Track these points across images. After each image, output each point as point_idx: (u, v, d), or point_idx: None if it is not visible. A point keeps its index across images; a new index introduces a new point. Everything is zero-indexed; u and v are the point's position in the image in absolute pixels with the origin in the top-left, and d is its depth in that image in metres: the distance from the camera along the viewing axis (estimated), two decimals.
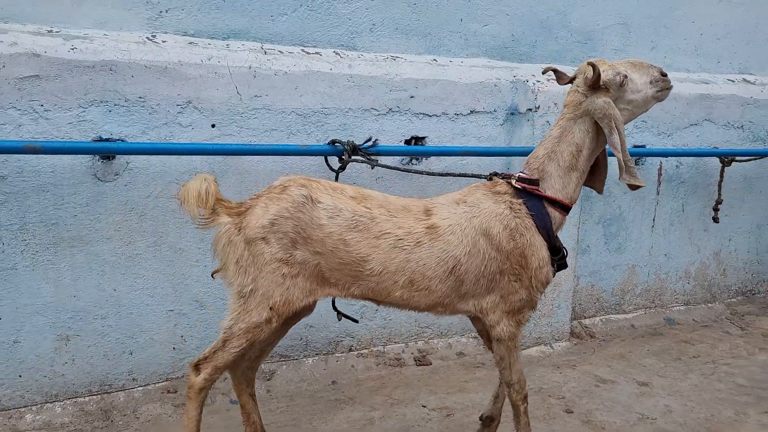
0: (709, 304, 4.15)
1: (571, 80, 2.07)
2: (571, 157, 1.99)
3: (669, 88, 2.03)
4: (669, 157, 3.77)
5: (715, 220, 3.88)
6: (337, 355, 3.10)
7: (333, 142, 2.69)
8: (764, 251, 4.22)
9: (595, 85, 1.94)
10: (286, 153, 2.64)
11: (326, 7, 2.95)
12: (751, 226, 4.20)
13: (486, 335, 2.16)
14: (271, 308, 1.90)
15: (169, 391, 2.69)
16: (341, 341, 3.10)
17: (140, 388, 2.66)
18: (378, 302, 2.03)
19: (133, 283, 2.61)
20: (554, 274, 2.06)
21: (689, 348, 3.53)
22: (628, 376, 3.13)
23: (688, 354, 3.44)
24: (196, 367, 1.97)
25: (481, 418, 2.33)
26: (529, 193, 1.98)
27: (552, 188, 1.98)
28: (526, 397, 2.11)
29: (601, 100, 1.94)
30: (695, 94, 3.80)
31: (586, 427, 2.61)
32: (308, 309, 2.09)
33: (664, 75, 2.03)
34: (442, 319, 3.33)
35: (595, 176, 2.13)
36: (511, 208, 1.96)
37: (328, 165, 2.72)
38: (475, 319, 2.20)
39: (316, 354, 3.04)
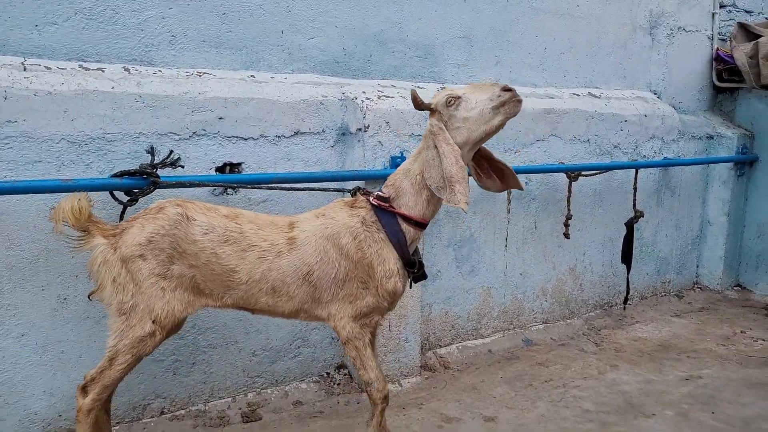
0: (568, 320, 4.09)
1: (427, 107, 2.14)
2: (422, 175, 2.12)
3: (513, 100, 2.05)
4: (517, 174, 3.63)
5: (566, 236, 3.81)
6: (144, 421, 2.64)
7: (121, 174, 2.29)
8: (618, 263, 4.23)
9: (419, 108, 2.12)
10: (50, 190, 2.17)
11: (109, 15, 2.52)
12: (604, 239, 4.20)
13: None
14: (153, 321, 2.03)
15: None
16: (149, 404, 2.66)
17: None
18: (251, 311, 2.19)
19: None
20: (411, 286, 2.26)
21: (543, 371, 3.40)
22: (476, 411, 2.91)
23: (540, 378, 3.30)
24: (83, 389, 2.05)
25: None
26: (384, 209, 2.13)
27: (406, 205, 2.14)
28: (386, 397, 2.22)
29: (430, 121, 2.13)
30: (540, 109, 3.71)
31: None
32: (179, 326, 2.23)
33: (508, 90, 2.06)
34: (277, 365, 2.97)
35: (504, 177, 2.32)
36: (363, 221, 2.13)
37: (115, 199, 2.32)
38: None
39: (116, 423, 2.57)
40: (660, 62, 4.61)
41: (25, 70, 2.30)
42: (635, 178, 4.12)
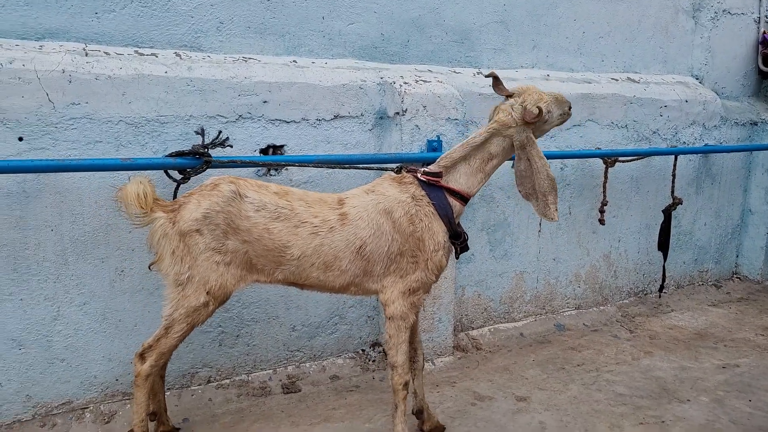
0: (601, 307, 4.10)
1: (509, 95, 2.27)
2: (482, 162, 2.27)
3: (568, 119, 2.41)
4: (552, 160, 3.66)
5: (601, 222, 3.81)
6: (192, 388, 2.80)
7: (176, 154, 2.43)
8: (654, 251, 4.21)
9: (534, 120, 2.21)
10: (109, 168, 2.32)
11: (162, 3, 2.65)
12: (640, 226, 4.18)
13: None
14: (207, 292, 2.14)
15: None
16: (197, 372, 2.82)
17: None
18: (300, 286, 2.27)
19: None
20: (458, 257, 2.39)
21: (575, 355, 3.44)
22: (508, 391, 2.98)
23: (572, 362, 3.34)
24: (141, 356, 2.19)
25: (413, 412, 2.56)
26: (432, 184, 2.24)
27: (455, 181, 2.26)
28: (406, 384, 2.28)
29: (524, 135, 2.23)
30: (577, 94, 3.71)
31: None
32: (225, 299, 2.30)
33: (570, 107, 2.37)
34: (315, 341, 3.10)
35: None
36: (413, 196, 2.22)
37: (171, 178, 2.46)
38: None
39: (167, 389, 2.73)
40: (703, 46, 4.53)
41: (86, 55, 2.45)
42: (674, 165, 4.08)
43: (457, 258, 2.39)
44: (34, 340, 2.45)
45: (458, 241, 2.29)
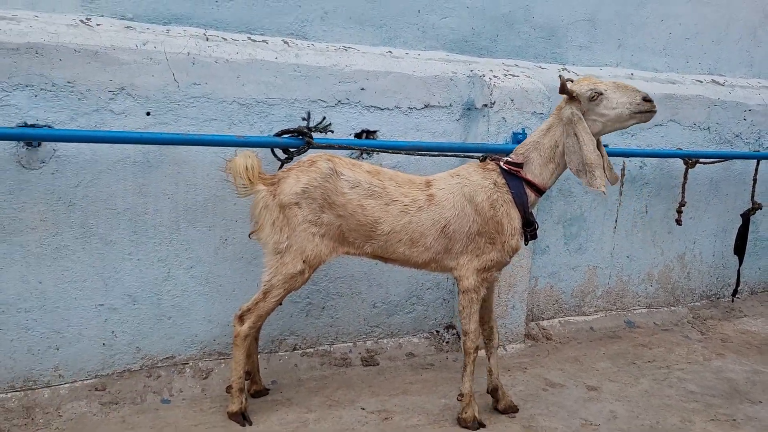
0: (672, 308, 4.10)
1: (571, 94, 2.33)
2: (550, 150, 2.38)
3: (650, 111, 2.31)
4: (632, 158, 3.69)
5: (678, 222, 3.81)
6: (280, 353, 3.01)
7: (282, 132, 2.62)
8: (729, 255, 4.16)
9: (563, 93, 2.30)
10: (225, 144, 2.54)
11: None
12: (716, 229, 4.15)
13: (482, 320, 2.57)
14: (304, 261, 2.32)
15: (97, 389, 2.59)
16: (285, 339, 3.02)
17: (66, 385, 2.56)
18: (385, 259, 2.47)
19: (60, 275, 2.51)
20: (527, 243, 2.52)
21: (646, 352, 3.47)
22: (579, 380, 3.06)
23: (643, 358, 3.38)
24: (240, 318, 2.38)
25: (488, 391, 2.70)
26: (512, 174, 2.38)
27: (531, 173, 2.39)
28: (477, 348, 2.49)
29: (569, 109, 2.33)
30: (661, 94, 3.71)
31: None
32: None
33: (648, 100, 2.29)
34: (393, 318, 3.25)
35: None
36: (495, 183, 2.37)
37: (275, 156, 2.66)
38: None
39: (258, 353, 2.94)
40: None
41: (207, 40, 2.67)
42: (756, 169, 4.02)
43: (526, 244, 2.52)
44: (146, 298, 2.70)
45: (529, 228, 2.44)
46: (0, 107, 2.32)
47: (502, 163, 2.41)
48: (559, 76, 2.36)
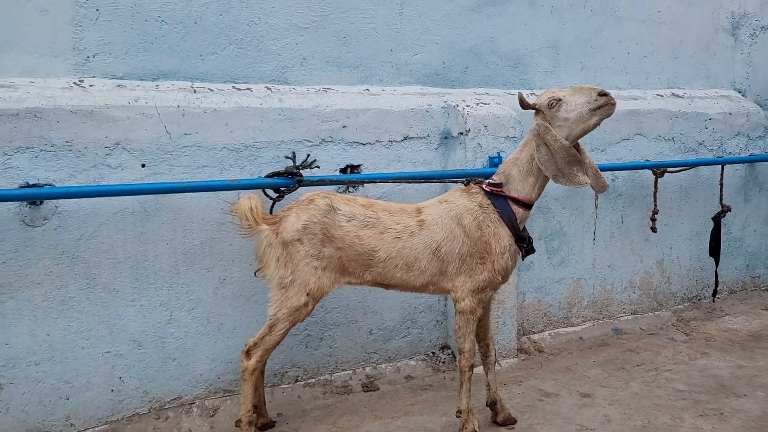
0: (656, 312, 4.26)
1: (532, 107, 2.48)
2: (527, 164, 2.49)
3: (608, 104, 2.38)
4: (604, 172, 3.87)
5: (653, 229, 4.00)
6: (282, 386, 3.10)
7: (272, 174, 2.77)
8: (706, 257, 4.35)
9: (524, 107, 2.46)
10: (218, 188, 2.68)
11: (255, 44, 3.03)
12: (691, 233, 4.34)
13: (479, 338, 2.72)
14: (307, 294, 2.45)
15: None
16: (287, 372, 3.11)
17: None
18: (386, 286, 2.58)
19: (66, 326, 2.60)
20: (524, 258, 2.64)
21: (634, 356, 3.61)
22: (572, 389, 3.18)
23: (632, 362, 3.52)
24: (247, 353, 2.48)
25: (487, 405, 2.81)
26: (496, 194, 2.50)
27: (514, 189, 2.50)
28: (472, 366, 2.58)
29: (535, 122, 2.48)
30: (624, 110, 3.95)
31: None
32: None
33: (604, 94, 2.38)
34: (390, 343, 3.37)
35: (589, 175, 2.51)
36: (480, 205, 2.50)
37: (267, 195, 2.80)
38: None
39: (264, 386, 3.03)
40: (743, 61, 4.71)
41: (194, 92, 2.83)
42: (721, 174, 4.25)
43: (523, 259, 2.63)
44: (151, 342, 2.79)
45: (523, 244, 2.54)
46: (3, 170, 2.45)
47: (484, 186, 2.54)
48: (519, 93, 2.47)
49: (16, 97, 2.48)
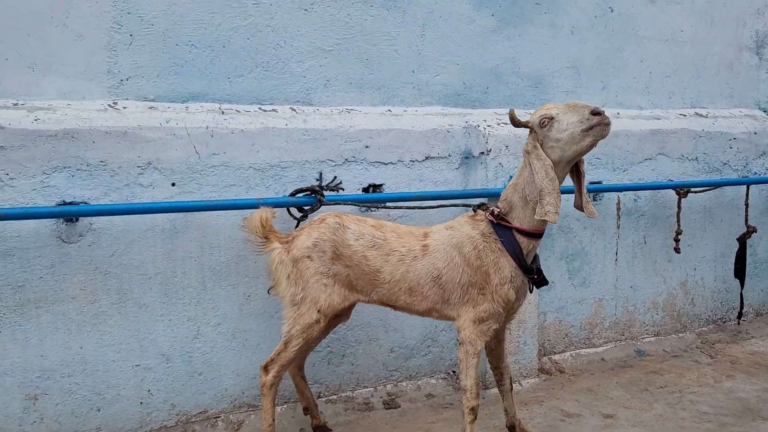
0: (680, 334, 4.21)
1: (524, 125, 2.34)
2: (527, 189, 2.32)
3: (601, 124, 2.15)
4: (626, 192, 3.89)
5: (677, 250, 3.97)
6: None
7: (297, 191, 2.84)
8: (731, 279, 4.30)
9: (517, 126, 2.34)
10: (244, 207, 2.76)
11: (281, 66, 3.12)
12: (715, 254, 4.30)
13: (492, 365, 2.71)
14: (318, 310, 2.48)
15: None
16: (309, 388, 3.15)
17: None
18: (393, 307, 2.58)
19: (98, 340, 2.69)
20: (532, 291, 2.52)
21: (657, 378, 3.57)
22: (594, 409, 3.16)
23: (655, 384, 3.49)
24: (265, 368, 2.54)
25: (507, 426, 2.78)
26: (499, 223, 2.38)
27: (517, 218, 2.37)
28: (473, 409, 2.46)
29: (526, 141, 2.36)
30: (647, 130, 3.95)
31: None
32: (346, 315, 2.79)
33: (597, 113, 2.16)
34: (410, 361, 3.39)
35: (581, 199, 2.44)
36: (482, 233, 2.41)
37: (291, 215, 2.87)
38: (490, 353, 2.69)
39: (285, 402, 3.08)
40: None
41: (222, 113, 2.93)
42: (746, 194, 4.20)
43: (531, 291, 2.50)
44: (178, 356, 2.86)
45: (531, 275, 2.41)
46: (41, 189, 2.56)
47: (487, 215, 2.43)
48: (510, 110, 2.29)
49: (54, 118, 2.60)
